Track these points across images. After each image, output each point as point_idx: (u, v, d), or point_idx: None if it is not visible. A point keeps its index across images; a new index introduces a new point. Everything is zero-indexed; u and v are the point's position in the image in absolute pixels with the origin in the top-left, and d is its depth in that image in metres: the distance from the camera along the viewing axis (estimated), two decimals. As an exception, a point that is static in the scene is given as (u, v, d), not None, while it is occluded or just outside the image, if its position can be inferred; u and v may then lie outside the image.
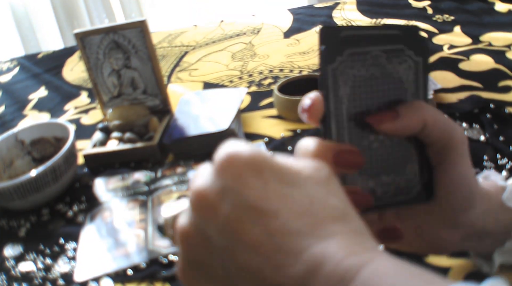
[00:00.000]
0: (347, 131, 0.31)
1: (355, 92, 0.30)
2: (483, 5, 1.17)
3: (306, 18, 1.33)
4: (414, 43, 0.31)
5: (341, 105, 0.30)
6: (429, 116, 0.30)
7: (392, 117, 0.30)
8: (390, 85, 0.31)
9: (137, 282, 0.53)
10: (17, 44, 2.22)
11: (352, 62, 0.30)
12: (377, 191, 0.32)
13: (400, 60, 0.31)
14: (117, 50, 0.83)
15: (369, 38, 0.30)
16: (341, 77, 0.30)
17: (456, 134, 0.31)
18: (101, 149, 0.77)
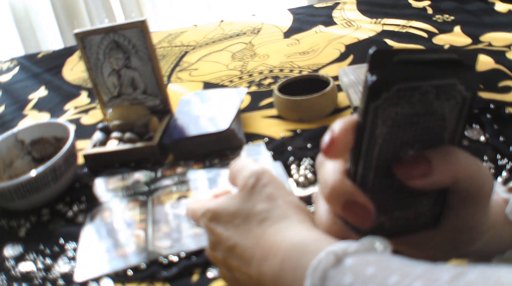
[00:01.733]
0: (373, 171, 0.28)
1: (392, 131, 0.27)
2: (483, 5, 1.17)
3: (306, 18, 1.33)
4: (468, 76, 0.27)
5: (374, 145, 0.27)
6: (461, 171, 0.28)
7: (424, 172, 0.27)
8: (430, 122, 0.27)
9: (137, 283, 0.53)
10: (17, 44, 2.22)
11: (398, 98, 0.26)
12: (386, 225, 0.30)
13: (449, 96, 0.27)
14: (117, 50, 0.83)
15: (422, 66, 0.26)
16: (382, 115, 0.26)
17: (486, 188, 0.29)
18: (101, 149, 0.77)
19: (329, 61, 1.02)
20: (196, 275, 0.52)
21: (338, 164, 0.29)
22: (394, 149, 0.28)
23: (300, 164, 0.68)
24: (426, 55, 0.26)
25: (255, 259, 0.31)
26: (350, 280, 0.23)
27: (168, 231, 0.59)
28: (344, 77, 0.87)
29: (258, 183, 0.36)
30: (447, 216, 0.31)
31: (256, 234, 0.33)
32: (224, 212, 0.35)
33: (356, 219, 0.27)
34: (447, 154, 0.28)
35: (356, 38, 1.12)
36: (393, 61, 0.25)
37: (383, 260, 0.24)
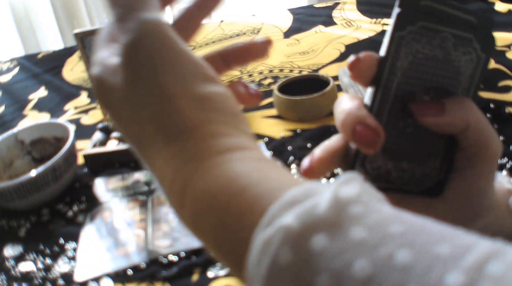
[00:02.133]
0: (388, 106, 0.29)
1: (412, 68, 0.29)
2: (483, 5, 1.17)
3: (306, 18, 1.33)
4: (484, 37, 0.29)
5: (393, 77, 0.29)
6: (473, 119, 0.29)
7: (437, 111, 0.28)
8: (447, 72, 0.30)
9: (137, 282, 0.53)
10: (17, 44, 2.23)
11: (421, 36, 0.28)
12: (392, 174, 0.31)
13: (465, 50, 0.29)
14: (117, 50, 0.83)
15: (444, 15, 0.29)
16: (405, 48, 0.28)
17: (493, 146, 0.29)
18: (101, 149, 0.77)
19: (329, 61, 1.02)
20: (196, 274, 0.52)
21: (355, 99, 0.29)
22: (411, 90, 0.29)
23: (300, 164, 0.67)
24: (449, 9, 0.29)
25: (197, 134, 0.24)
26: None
27: (168, 231, 0.59)
28: (344, 77, 0.87)
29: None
30: (453, 180, 0.31)
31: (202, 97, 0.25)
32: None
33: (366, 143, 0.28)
34: (460, 100, 0.29)
35: (356, 38, 1.12)
36: (421, 4, 0.28)
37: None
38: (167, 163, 0.24)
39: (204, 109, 0.24)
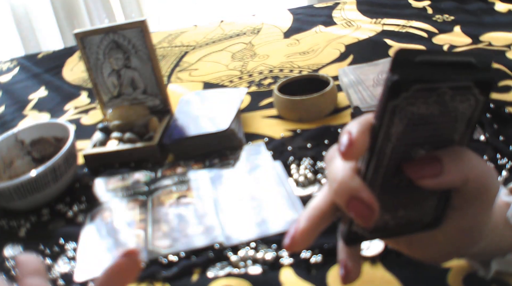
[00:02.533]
0: (383, 170, 0.28)
1: (407, 130, 0.27)
2: (483, 5, 1.17)
3: (306, 18, 1.33)
4: (483, 80, 0.27)
5: (387, 143, 0.27)
6: (472, 173, 0.28)
7: (434, 172, 0.27)
8: (443, 123, 0.28)
9: (137, 282, 0.53)
10: (17, 44, 2.22)
11: (416, 99, 0.26)
12: (390, 223, 0.31)
13: (463, 98, 0.27)
14: (117, 50, 0.83)
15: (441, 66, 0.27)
16: (399, 115, 0.27)
17: (493, 190, 0.29)
18: (101, 149, 0.77)
19: (329, 61, 1.02)
20: (196, 275, 0.52)
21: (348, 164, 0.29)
22: (406, 149, 0.28)
23: (300, 164, 0.68)
24: (446, 57, 0.27)
25: None
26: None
27: (168, 231, 0.59)
28: (344, 77, 0.87)
29: None
30: (450, 216, 0.31)
31: None
32: None
33: (359, 217, 0.27)
34: (458, 154, 0.28)
35: (356, 38, 1.12)
36: (414, 62, 0.26)
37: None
38: None
39: None
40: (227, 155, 0.73)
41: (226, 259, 0.53)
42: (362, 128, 0.27)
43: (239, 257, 0.53)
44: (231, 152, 0.74)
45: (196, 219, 0.60)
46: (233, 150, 0.74)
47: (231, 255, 0.53)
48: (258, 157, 0.71)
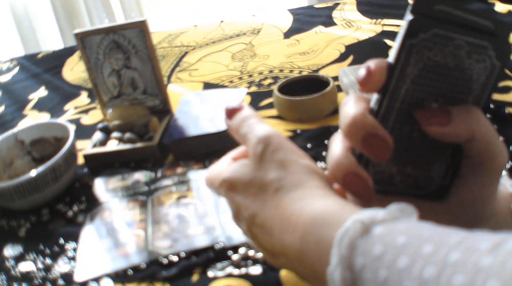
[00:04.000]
0: (395, 112, 0.29)
1: (422, 75, 0.28)
2: (482, 6, 1.17)
3: (306, 19, 1.33)
4: (500, 44, 0.28)
5: (402, 84, 0.28)
6: (479, 130, 0.28)
7: (442, 121, 0.28)
8: (459, 79, 0.28)
9: (137, 282, 0.53)
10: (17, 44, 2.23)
11: (433, 43, 0.27)
12: (396, 178, 0.31)
13: (479, 58, 0.28)
14: (117, 50, 0.83)
15: (460, 21, 0.27)
16: (416, 55, 0.27)
17: (499, 158, 0.29)
18: (101, 149, 0.77)
19: (329, 61, 1.02)
20: (196, 275, 0.52)
21: (361, 103, 0.29)
22: (419, 96, 0.29)
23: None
24: (465, 14, 0.28)
25: (276, 231, 0.30)
26: (380, 250, 0.22)
27: (168, 231, 0.59)
28: (344, 77, 0.87)
29: (266, 149, 0.33)
30: (456, 186, 0.31)
31: (273, 204, 0.31)
32: (238, 182, 0.34)
33: (375, 152, 0.27)
34: (468, 111, 0.28)
35: (356, 39, 1.12)
36: (435, 10, 0.27)
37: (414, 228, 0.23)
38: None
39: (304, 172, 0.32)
40: (227, 155, 0.73)
41: (227, 259, 0.53)
42: (381, 63, 0.28)
43: (240, 257, 0.53)
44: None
45: (197, 220, 0.60)
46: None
47: (232, 254, 0.53)
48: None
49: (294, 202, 0.30)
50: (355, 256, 0.23)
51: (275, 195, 0.31)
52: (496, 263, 0.17)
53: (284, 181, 0.32)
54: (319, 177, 0.32)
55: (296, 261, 0.29)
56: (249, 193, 0.33)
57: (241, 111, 0.37)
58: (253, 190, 0.32)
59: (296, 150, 0.34)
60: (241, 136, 0.36)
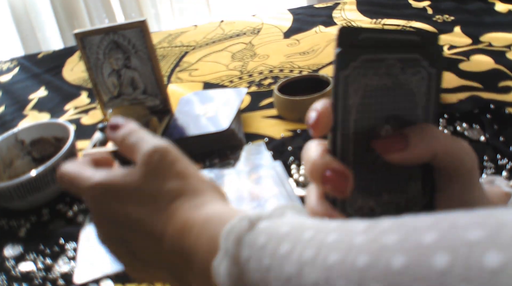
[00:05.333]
0: (351, 145, 0.29)
1: (365, 102, 0.28)
2: (483, 5, 1.17)
3: (306, 18, 1.33)
4: (430, 52, 0.29)
5: (348, 116, 0.28)
6: (439, 146, 0.28)
7: (400, 147, 0.28)
8: (401, 97, 0.29)
9: (137, 283, 0.53)
10: (17, 44, 2.23)
11: (366, 69, 0.28)
12: (377, 210, 0.31)
13: (414, 71, 0.29)
14: (117, 50, 0.83)
15: (386, 43, 0.28)
16: (352, 85, 0.28)
17: (467, 163, 0.29)
18: (101, 149, 0.77)
19: (329, 61, 1.02)
20: (196, 275, 0.52)
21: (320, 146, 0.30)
22: (370, 123, 0.29)
23: (300, 164, 0.68)
24: (390, 35, 0.28)
25: (168, 236, 0.30)
26: (264, 240, 0.23)
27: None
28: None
29: (164, 160, 0.32)
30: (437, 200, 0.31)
31: (168, 212, 0.31)
32: (121, 189, 0.32)
33: (335, 188, 0.28)
34: (422, 129, 0.29)
35: (356, 38, 1.12)
36: (360, 38, 0.28)
37: (297, 221, 0.24)
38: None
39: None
40: (227, 155, 0.73)
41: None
42: (325, 103, 0.28)
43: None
44: (231, 152, 0.74)
45: (196, 219, 0.60)
46: (233, 150, 0.74)
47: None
48: (258, 157, 0.71)
49: (192, 208, 0.30)
50: (241, 249, 0.24)
51: (171, 203, 0.31)
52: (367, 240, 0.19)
53: (183, 190, 0.31)
54: (217, 190, 0.33)
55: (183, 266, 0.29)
56: (134, 201, 0.31)
57: (128, 125, 0.36)
58: (141, 198, 0.31)
59: (193, 165, 0.34)
60: (128, 146, 0.35)
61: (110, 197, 0.32)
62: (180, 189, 0.32)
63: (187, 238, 0.29)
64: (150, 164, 0.32)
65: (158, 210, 0.31)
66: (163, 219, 0.30)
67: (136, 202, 0.31)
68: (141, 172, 0.32)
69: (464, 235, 0.16)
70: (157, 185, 0.32)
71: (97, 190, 0.33)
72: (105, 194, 0.32)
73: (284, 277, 0.21)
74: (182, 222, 0.30)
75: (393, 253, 0.17)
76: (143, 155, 0.33)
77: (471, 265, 0.15)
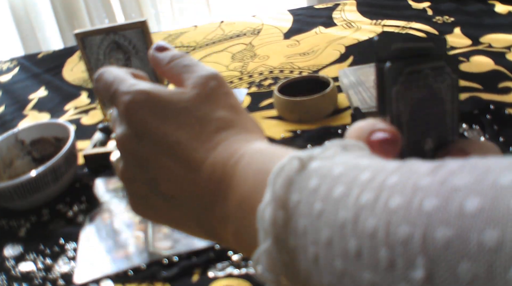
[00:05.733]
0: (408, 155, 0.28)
1: (412, 118, 0.28)
2: (483, 7, 1.17)
3: (306, 19, 1.33)
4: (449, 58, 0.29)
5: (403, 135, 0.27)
6: None
7: None
8: (435, 106, 0.29)
9: (138, 283, 0.53)
10: (17, 44, 2.23)
11: (410, 82, 0.27)
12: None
13: (442, 79, 0.29)
14: (117, 51, 0.83)
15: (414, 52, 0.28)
16: (402, 101, 0.27)
17: None
18: (101, 149, 0.77)
19: (329, 62, 1.02)
20: (196, 275, 0.52)
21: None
22: (416, 138, 0.29)
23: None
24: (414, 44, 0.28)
25: (208, 164, 0.27)
26: (316, 182, 0.21)
27: (169, 232, 0.59)
28: (344, 78, 0.87)
29: (220, 88, 0.30)
30: None
31: (213, 140, 0.28)
32: (166, 105, 0.29)
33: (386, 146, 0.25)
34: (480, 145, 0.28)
35: (356, 39, 1.12)
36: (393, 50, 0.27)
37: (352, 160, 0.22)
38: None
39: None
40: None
41: (227, 259, 0.53)
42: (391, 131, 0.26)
43: (240, 257, 0.53)
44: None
45: (196, 220, 0.60)
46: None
47: (232, 254, 0.53)
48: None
49: (242, 141, 0.27)
50: (290, 193, 0.22)
51: (219, 132, 0.28)
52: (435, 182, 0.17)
53: (233, 122, 0.29)
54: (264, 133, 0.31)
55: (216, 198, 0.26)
56: (177, 120, 0.28)
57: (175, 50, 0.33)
58: (187, 120, 0.28)
59: None
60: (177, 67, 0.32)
61: (152, 109, 0.28)
62: (231, 120, 0.29)
63: (233, 165, 0.26)
64: (204, 88, 0.29)
65: (202, 136, 0.28)
66: (206, 146, 0.27)
67: (180, 123, 0.28)
68: (192, 94, 0.29)
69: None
70: (207, 110, 0.29)
71: (140, 97, 0.29)
72: (147, 104, 0.29)
73: (338, 223, 0.19)
74: (230, 151, 0.27)
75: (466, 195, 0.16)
76: (198, 77, 0.30)
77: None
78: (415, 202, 0.17)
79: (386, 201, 0.18)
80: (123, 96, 0.29)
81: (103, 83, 0.31)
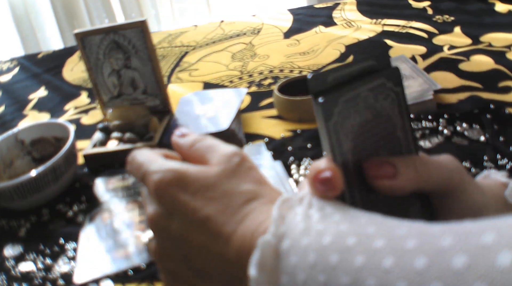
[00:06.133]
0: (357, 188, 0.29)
1: (356, 143, 0.28)
2: (483, 6, 1.17)
3: (306, 19, 1.33)
4: (390, 72, 0.29)
5: (348, 163, 0.28)
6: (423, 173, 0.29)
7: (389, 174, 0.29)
8: (381, 125, 0.29)
9: (137, 283, 0.53)
10: (17, 44, 2.23)
11: (347, 110, 0.27)
12: None
13: (384, 96, 0.29)
14: (117, 50, 0.83)
15: (351, 77, 0.28)
16: (342, 131, 0.27)
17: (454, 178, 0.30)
18: (101, 149, 0.77)
19: (329, 61, 1.02)
20: (196, 275, 0.52)
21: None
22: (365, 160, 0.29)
23: (300, 164, 0.68)
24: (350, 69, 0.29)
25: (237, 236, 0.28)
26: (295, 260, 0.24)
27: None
28: (344, 77, 0.87)
29: (243, 163, 0.32)
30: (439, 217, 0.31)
31: (241, 212, 0.29)
32: (194, 181, 0.30)
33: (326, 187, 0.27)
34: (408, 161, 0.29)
35: (356, 39, 1.12)
36: (328, 82, 0.28)
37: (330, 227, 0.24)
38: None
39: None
40: (227, 155, 0.73)
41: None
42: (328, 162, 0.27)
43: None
44: (231, 152, 0.74)
45: (196, 219, 0.60)
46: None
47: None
48: (258, 157, 0.71)
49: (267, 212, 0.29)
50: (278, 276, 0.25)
51: (245, 205, 0.29)
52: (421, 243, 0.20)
53: (258, 194, 0.30)
54: None
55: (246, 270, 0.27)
56: (205, 196, 0.30)
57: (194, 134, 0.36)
58: (214, 194, 0.30)
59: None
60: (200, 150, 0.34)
61: (180, 186, 0.30)
62: (256, 192, 0.30)
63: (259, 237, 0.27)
64: (229, 164, 0.31)
65: (230, 209, 0.29)
66: (234, 219, 0.29)
67: (208, 198, 0.29)
68: (218, 170, 0.31)
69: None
70: (233, 184, 0.30)
71: (168, 175, 0.30)
72: (175, 182, 0.30)
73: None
74: (257, 223, 0.28)
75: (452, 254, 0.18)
76: (222, 155, 0.32)
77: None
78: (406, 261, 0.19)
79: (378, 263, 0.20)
80: (152, 175, 0.31)
81: (135, 165, 0.34)
